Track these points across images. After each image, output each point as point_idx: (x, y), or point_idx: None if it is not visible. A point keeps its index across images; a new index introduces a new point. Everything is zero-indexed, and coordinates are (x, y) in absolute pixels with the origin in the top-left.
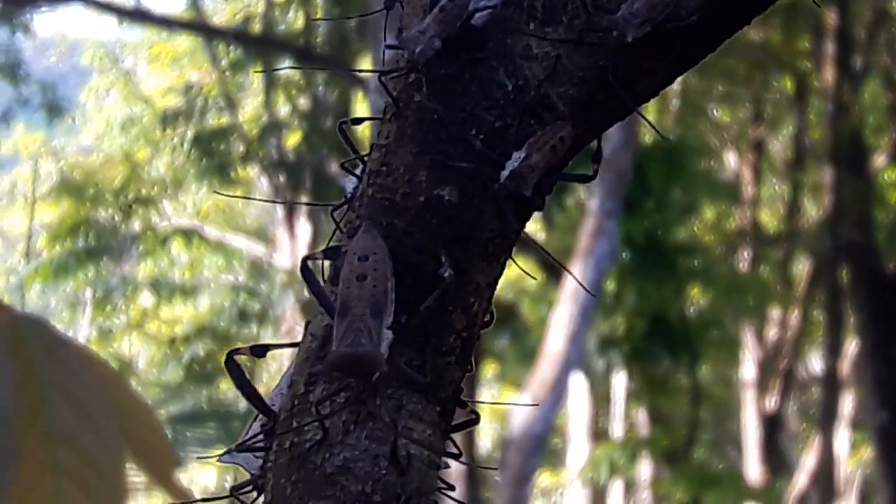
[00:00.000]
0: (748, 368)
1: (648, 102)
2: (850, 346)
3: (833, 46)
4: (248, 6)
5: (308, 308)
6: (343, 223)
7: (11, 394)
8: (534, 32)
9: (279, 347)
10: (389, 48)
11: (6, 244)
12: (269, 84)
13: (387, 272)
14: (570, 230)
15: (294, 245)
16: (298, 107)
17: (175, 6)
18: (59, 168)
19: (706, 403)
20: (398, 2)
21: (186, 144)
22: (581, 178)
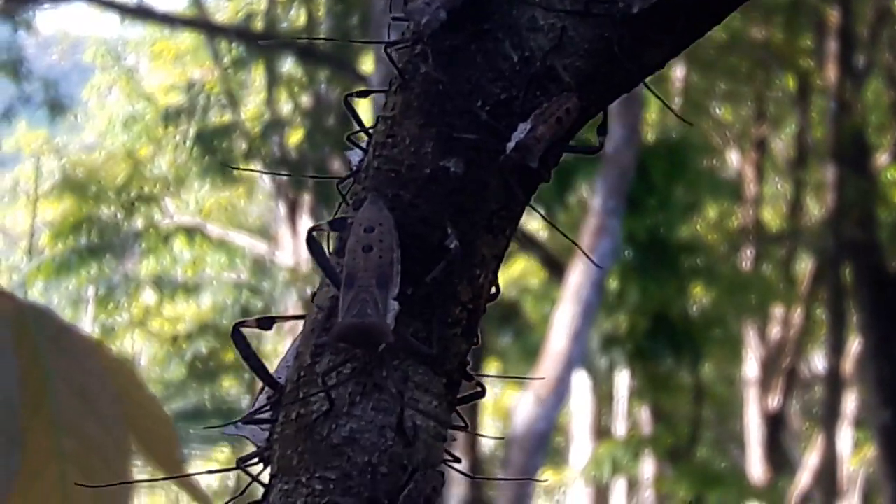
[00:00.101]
0: (751, 367)
1: (655, 96)
2: (853, 345)
3: (835, 45)
4: (251, 4)
5: (310, 306)
6: (349, 196)
7: (16, 382)
8: (539, 4)
9: (285, 320)
10: (395, 20)
11: (8, 242)
12: (272, 82)
13: (393, 243)
14: (573, 228)
15: (296, 243)
16: (301, 104)
17: (177, 3)
18: (62, 165)
19: (709, 402)
20: None
21: (189, 142)
22: (587, 150)
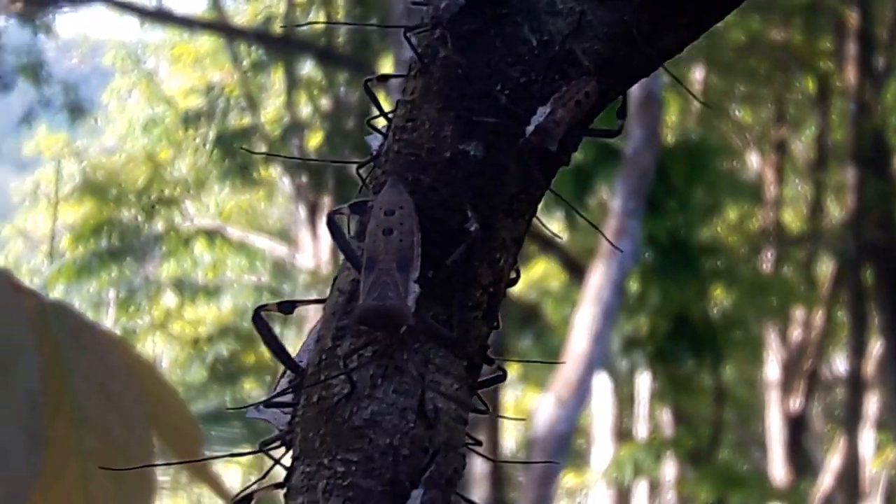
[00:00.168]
0: (772, 369)
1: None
2: (875, 347)
3: (855, 46)
4: (270, 6)
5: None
6: (369, 180)
7: (39, 379)
8: None
9: (306, 303)
10: (415, 4)
11: (29, 245)
12: (291, 84)
13: (413, 226)
14: (593, 230)
15: (317, 245)
16: (320, 107)
17: (197, 7)
18: (82, 169)
19: (730, 404)
20: None
21: (209, 145)
22: (607, 133)
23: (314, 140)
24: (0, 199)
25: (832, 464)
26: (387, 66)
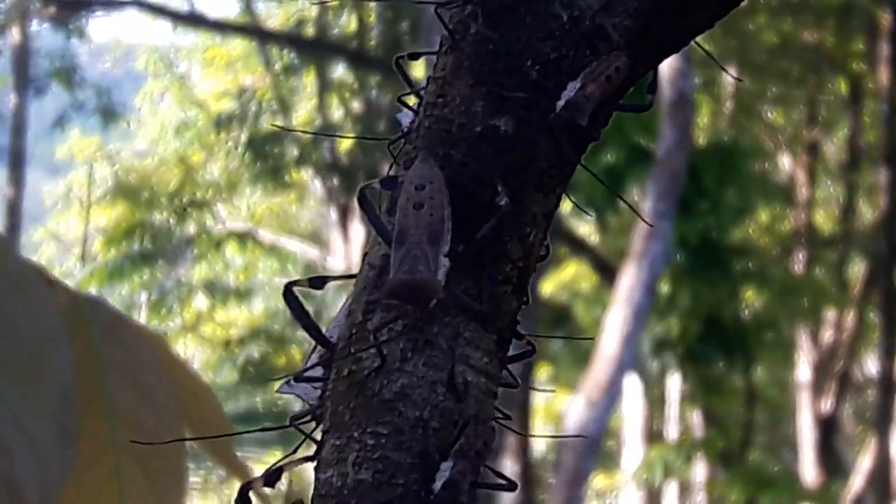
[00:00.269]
0: (803, 370)
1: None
2: None
3: (888, 47)
4: (302, 10)
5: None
6: (400, 156)
7: (72, 373)
8: None
9: (337, 279)
10: None
11: (62, 248)
12: (323, 87)
13: (443, 200)
14: (624, 232)
15: (348, 248)
16: (352, 110)
17: (229, 10)
18: (114, 172)
19: (761, 405)
20: None
21: (240, 148)
22: (637, 108)
23: (345, 143)
24: (33, 203)
25: (863, 465)
26: (418, 68)
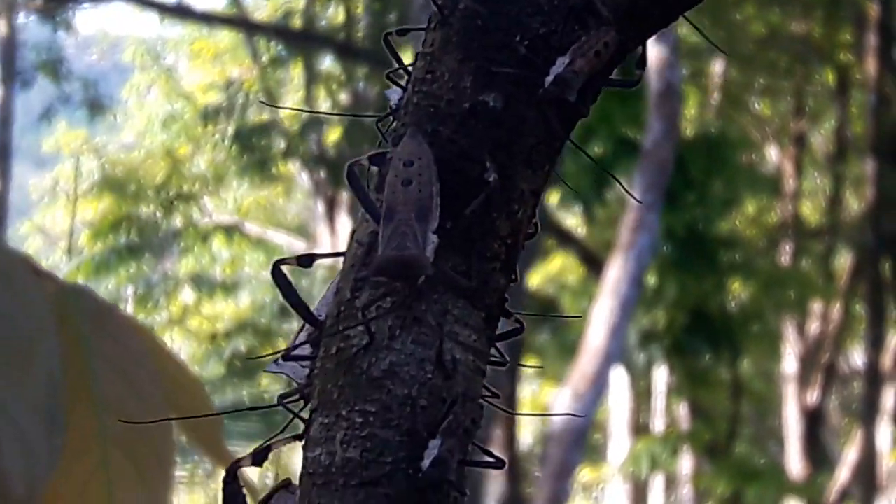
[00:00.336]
0: (789, 362)
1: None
2: (893, 340)
3: (875, 38)
4: (289, 1)
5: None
6: (388, 133)
7: (59, 363)
8: None
9: (325, 257)
10: None
11: (48, 241)
12: (310, 79)
13: (432, 177)
14: (611, 224)
15: (335, 240)
16: (339, 102)
17: (216, 2)
18: (101, 165)
19: (747, 397)
20: None
21: (227, 140)
22: (626, 84)
23: (333, 135)
24: (19, 196)
25: (849, 457)
26: (406, 59)
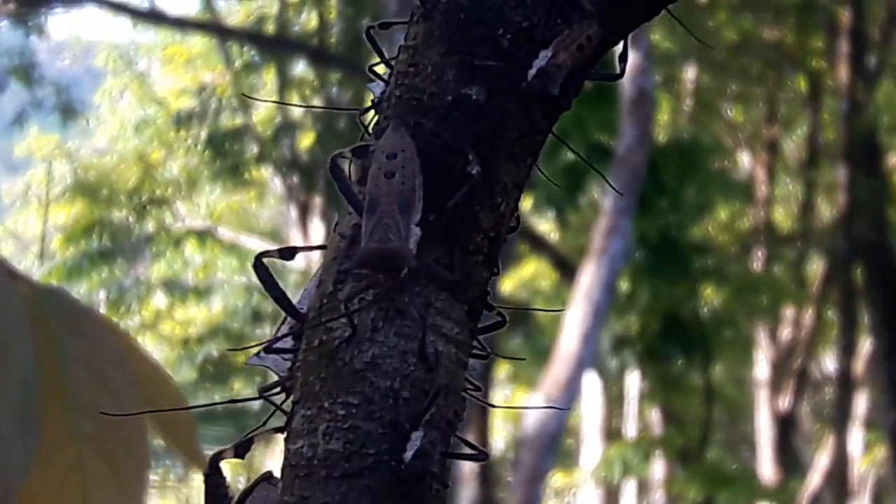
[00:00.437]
0: (762, 368)
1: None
2: (864, 346)
3: (847, 45)
4: (262, 7)
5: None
6: (370, 126)
7: (34, 364)
8: None
9: (308, 250)
10: None
11: (20, 246)
12: (283, 85)
13: (415, 169)
14: (584, 230)
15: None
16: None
17: (189, 7)
18: (73, 170)
19: (719, 403)
20: None
21: (200, 145)
22: (609, 77)
23: (306, 140)
24: None
25: (821, 463)
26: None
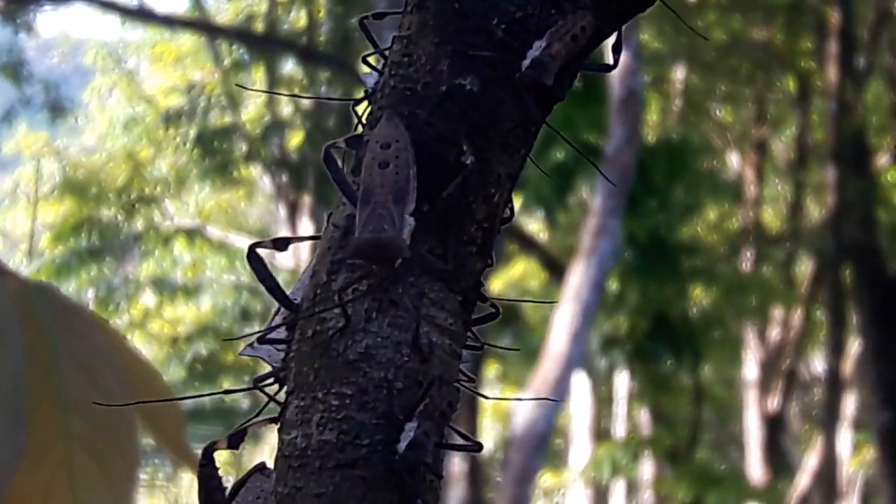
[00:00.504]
0: (750, 368)
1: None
2: (853, 347)
3: (836, 46)
4: (251, 5)
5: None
6: (364, 117)
7: (23, 360)
8: None
9: (301, 240)
10: None
11: (9, 244)
12: (272, 83)
13: (409, 159)
14: (573, 229)
15: (296, 245)
16: (301, 106)
17: (178, 5)
18: (62, 168)
19: (708, 403)
20: None
21: (189, 144)
22: (603, 68)
23: (295, 139)
24: None
25: (809, 463)
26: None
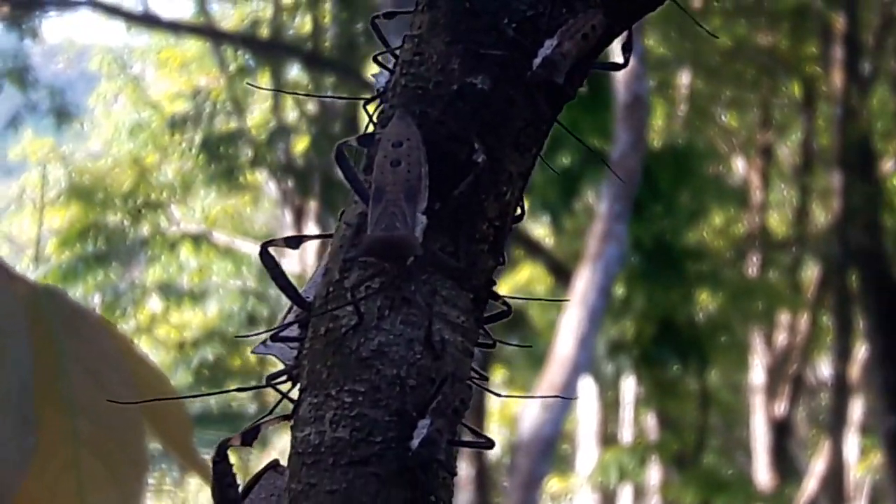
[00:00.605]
0: (757, 373)
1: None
2: (860, 351)
3: (841, 51)
4: (257, 11)
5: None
6: (376, 115)
7: (31, 364)
8: None
9: (313, 238)
10: None
11: (15, 249)
12: (278, 88)
13: (420, 158)
14: (579, 234)
15: (303, 250)
16: (307, 112)
17: (183, 11)
18: (68, 173)
19: (715, 408)
20: None
21: (195, 149)
22: (613, 66)
23: (301, 144)
24: None
25: (816, 468)
26: (373, 68)
